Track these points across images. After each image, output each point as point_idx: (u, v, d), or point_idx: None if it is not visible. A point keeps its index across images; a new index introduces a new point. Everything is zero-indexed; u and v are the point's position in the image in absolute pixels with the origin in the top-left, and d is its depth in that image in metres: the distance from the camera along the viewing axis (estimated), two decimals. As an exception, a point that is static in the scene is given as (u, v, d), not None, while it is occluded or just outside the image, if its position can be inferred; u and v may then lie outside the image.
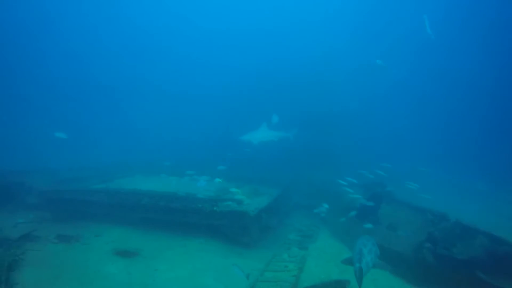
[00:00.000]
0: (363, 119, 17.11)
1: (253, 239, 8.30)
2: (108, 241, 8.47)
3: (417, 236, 6.90)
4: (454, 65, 27.85)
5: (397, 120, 24.64)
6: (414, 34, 25.43)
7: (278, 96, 16.04)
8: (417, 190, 9.29)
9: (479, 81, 28.39)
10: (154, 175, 12.30)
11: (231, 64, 24.07)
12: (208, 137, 17.35)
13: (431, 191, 10.09)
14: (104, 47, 36.58)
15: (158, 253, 7.89)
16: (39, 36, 35.49)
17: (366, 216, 8.59)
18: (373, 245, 5.34)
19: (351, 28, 19.06)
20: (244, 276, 5.84)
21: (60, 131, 10.23)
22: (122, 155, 18.41)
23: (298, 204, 11.47)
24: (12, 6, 34.32)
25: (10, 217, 10.33)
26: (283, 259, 7.68)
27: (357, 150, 16.20)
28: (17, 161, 16.86)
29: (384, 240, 7.08)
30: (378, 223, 8.34)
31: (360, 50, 17.80)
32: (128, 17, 36.86)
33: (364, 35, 20.41)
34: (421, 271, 6.43)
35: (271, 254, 7.98)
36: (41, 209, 10.71)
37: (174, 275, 6.82)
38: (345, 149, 15.35)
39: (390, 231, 7.74)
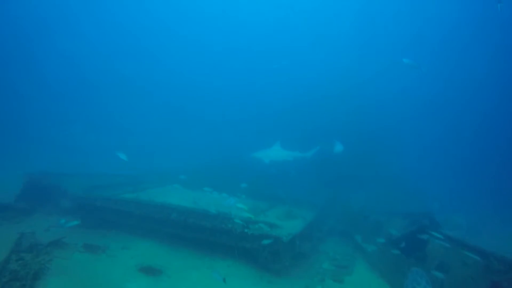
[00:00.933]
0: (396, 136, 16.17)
1: (285, 266, 7.68)
2: (133, 255, 8.18)
3: (476, 284, 5.97)
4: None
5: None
6: (421, 39, 24.29)
7: (306, 113, 15.49)
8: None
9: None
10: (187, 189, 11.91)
11: (249, 88, 24.04)
12: (226, 151, 16.69)
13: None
14: (119, 52, 37.22)
15: (183, 273, 7.48)
16: (35, 38, 36.40)
17: (413, 251, 7.71)
18: (427, 283, 4.92)
19: (363, 39, 18.61)
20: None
21: (119, 150, 10.20)
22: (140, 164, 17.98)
23: (333, 229, 10.71)
24: (6, 8, 35.29)
25: (45, 220, 10.44)
26: (317, 293, 7.02)
27: (397, 172, 15.21)
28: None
29: (435, 284, 6.21)
30: (425, 261, 7.42)
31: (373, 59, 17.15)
32: (146, 25, 37.42)
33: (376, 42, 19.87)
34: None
35: (303, 284, 7.43)
36: (73, 213, 10.74)
37: (198, 300, 6.38)
38: (384, 171, 14.43)
39: (441, 273, 6.82)
